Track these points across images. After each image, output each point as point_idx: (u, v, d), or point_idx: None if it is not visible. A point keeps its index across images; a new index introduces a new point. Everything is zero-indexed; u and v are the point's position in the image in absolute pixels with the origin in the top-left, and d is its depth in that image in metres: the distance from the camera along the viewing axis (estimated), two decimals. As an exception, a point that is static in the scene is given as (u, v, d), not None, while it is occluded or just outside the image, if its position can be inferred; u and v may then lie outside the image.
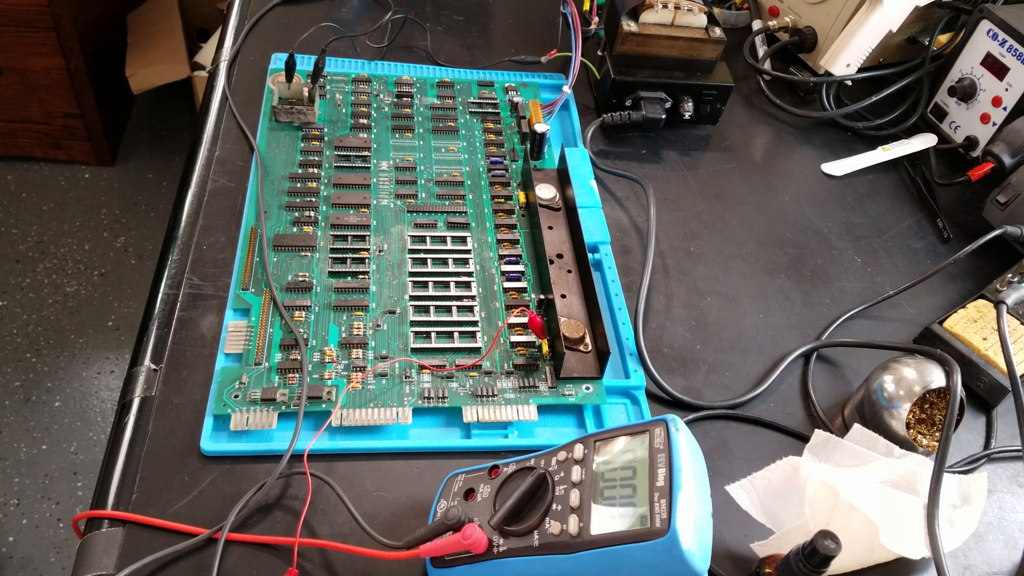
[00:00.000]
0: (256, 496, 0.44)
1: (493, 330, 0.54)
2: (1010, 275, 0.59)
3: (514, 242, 0.60)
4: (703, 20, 0.69)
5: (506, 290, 0.57)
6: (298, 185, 0.61)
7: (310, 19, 0.77)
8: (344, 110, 0.68)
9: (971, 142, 0.73)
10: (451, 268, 0.57)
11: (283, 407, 0.48)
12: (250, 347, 0.50)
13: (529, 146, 0.66)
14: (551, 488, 0.36)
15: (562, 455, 0.38)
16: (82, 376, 1.42)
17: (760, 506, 0.45)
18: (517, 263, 0.58)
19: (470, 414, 0.49)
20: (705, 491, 0.34)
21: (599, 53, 0.73)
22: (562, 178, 0.62)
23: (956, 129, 0.75)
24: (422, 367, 0.51)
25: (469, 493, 0.40)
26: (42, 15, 1.45)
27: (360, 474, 0.46)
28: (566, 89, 0.70)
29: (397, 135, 0.67)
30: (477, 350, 0.53)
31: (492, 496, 0.38)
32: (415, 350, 0.52)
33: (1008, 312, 0.57)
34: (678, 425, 0.35)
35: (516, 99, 0.72)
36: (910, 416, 0.50)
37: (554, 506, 0.36)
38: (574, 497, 0.35)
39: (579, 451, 0.37)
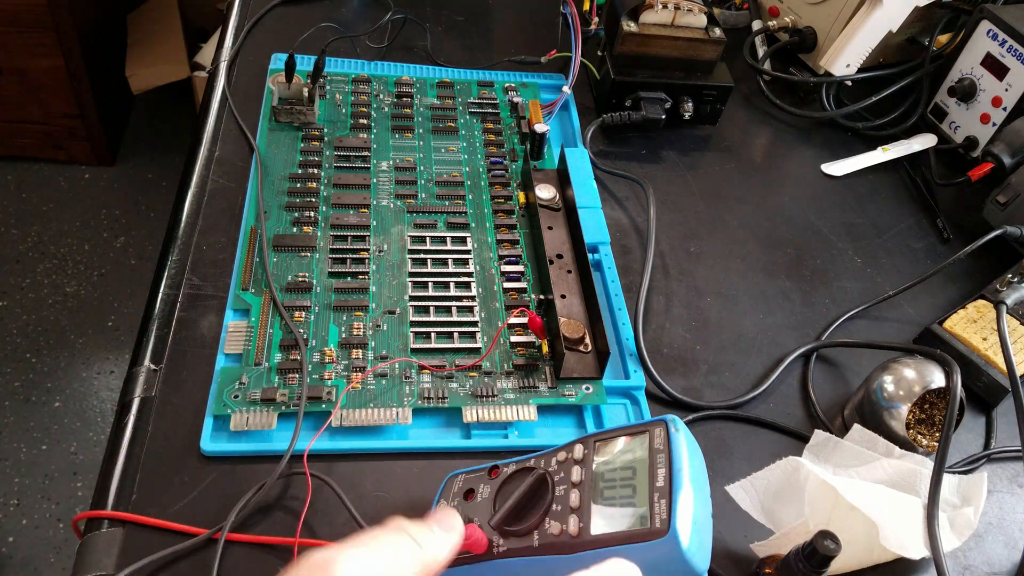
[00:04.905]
0: (256, 496, 0.44)
1: (493, 330, 0.54)
2: (1010, 275, 0.59)
3: (514, 242, 0.60)
4: (703, 20, 0.69)
5: (506, 290, 0.57)
6: (298, 185, 0.61)
7: (310, 19, 0.77)
8: (344, 110, 0.68)
9: (971, 142, 0.73)
10: (451, 268, 0.57)
11: (283, 407, 0.48)
12: (250, 347, 0.50)
13: (529, 146, 0.66)
14: (551, 488, 0.36)
15: (562, 455, 0.38)
16: (82, 376, 1.42)
17: (760, 506, 0.45)
18: (517, 263, 0.58)
19: (470, 414, 0.49)
20: (705, 491, 0.34)
21: (599, 53, 0.73)
22: (562, 178, 0.62)
23: (956, 129, 0.75)
24: (422, 367, 0.51)
25: (469, 493, 0.40)
26: (42, 15, 1.45)
27: (360, 474, 0.46)
28: (566, 89, 0.70)
29: (397, 135, 0.67)
30: (477, 350, 0.53)
31: (492, 496, 0.38)
32: (415, 350, 0.52)
33: (1008, 312, 0.57)
34: (678, 425, 0.35)
35: (516, 99, 0.72)
36: (910, 416, 0.50)
37: (554, 506, 0.36)
38: (574, 497, 0.35)
39: (579, 451, 0.37)
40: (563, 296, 0.55)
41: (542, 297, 0.55)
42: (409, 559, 0.29)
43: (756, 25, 0.83)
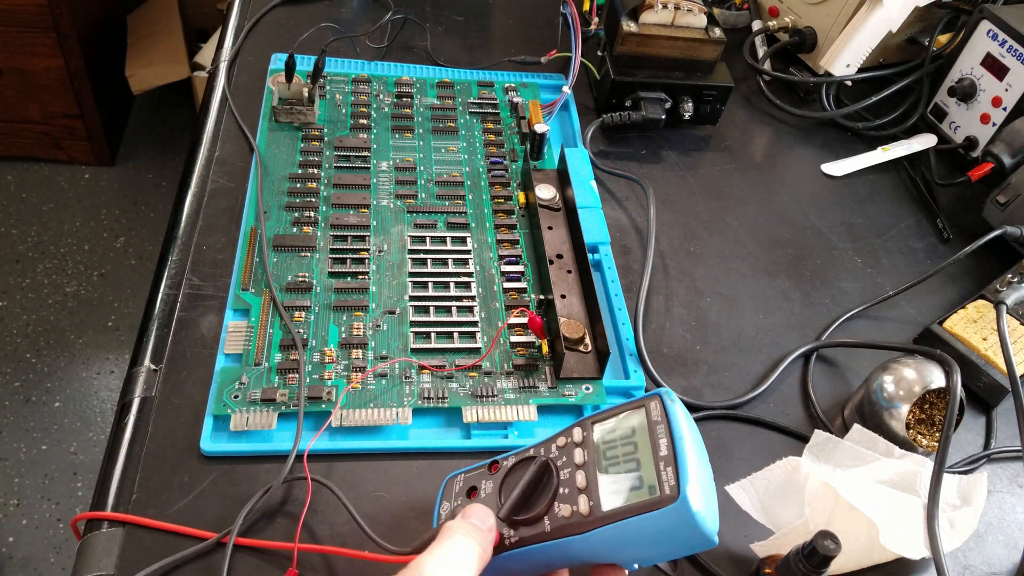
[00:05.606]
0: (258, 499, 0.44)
1: (493, 330, 0.54)
2: (1010, 275, 0.59)
3: (514, 242, 0.60)
4: (703, 20, 0.69)
5: (506, 290, 0.57)
6: (298, 185, 0.61)
7: (310, 19, 0.77)
8: (344, 110, 0.68)
9: (971, 142, 0.73)
10: (451, 268, 0.57)
11: (283, 407, 0.48)
12: (250, 347, 0.50)
13: (529, 146, 0.66)
14: (555, 473, 0.36)
15: (561, 440, 0.38)
16: (82, 376, 1.42)
17: (760, 506, 0.45)
18: (517, 263, 0.58)
19: (470, 414, 0.49)
20: (706, 460, 0.35)
21: (599, 53, 0.73)
22: (562, 178, 0.62)
23: (956, 129, 0.75)
24: (422, 367, 0.51)
25: (471, 491, 0.40)
26: (42, 15, 1.46)
27: (360, 475, 0.46)
28: (566, 89, 0.70)
29: (397, 135, 0.67)
30: (477, 350, 0.53)
31: (496, 490, 0.38)
32: (415, 350, 0.52)
33: (1008, 312, 0.57)
34: (672, 397, 0.36)
35: (516, 99, 0.72)
36: (910, 416, 0.50)
37: (561, 490, 0.36)
38: (580, 478, 0.35)
39: (578, 434, 0.37)
40: (563, 296, 0.55)
41: (542, 297, 0.55)
42: (474, 551, 0.34)
43: (756, 25, 0.83)
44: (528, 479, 0.37)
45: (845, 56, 0.75)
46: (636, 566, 0.35)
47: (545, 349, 0.53)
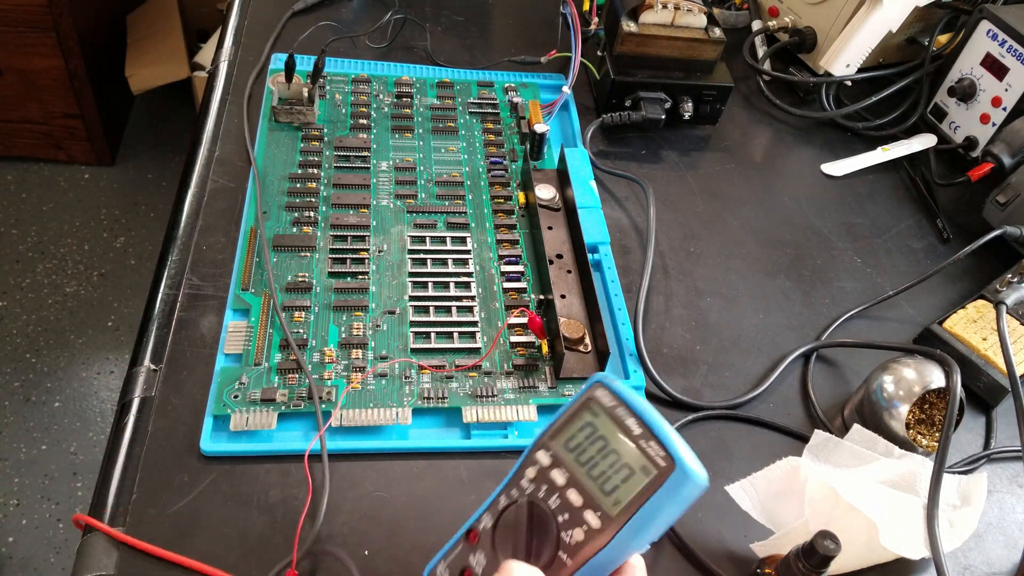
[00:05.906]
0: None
1: (493, 330, 0.54)
2: (1010, 275, 0.59)
3: (514, 242, 0.60)
4: (703, 20, 0.69)
5: (506, 290, 0.57)
6: (298, 185, 0.61)
7: (310, 19, 0.77)
8: (344, 110, 0.68)
9: (971, 142, 0.73)
10: (451, 268, 0.57)
11: (283, 407, 0.48)
12: (250, 347, 0.50)
13: (529, 146, 0.66)
14: (545, 506, 0.35)
15: (530, 473, 0.36)
16: (82, 376, 1.42)
17: (760, 506, 0.45)
18: (517, 263, 0.58)
19: (470, 414, 0.49)
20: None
21: (599, 53, 0.73)
22: (562, 178, 0.62)
23: (956, 129, 0.75)
24: (422, 367, 0.51)
25: (464, 572, 0.36)
26: (42, 15, 1.45)
27: (360, 475, 0.46)
28: (566, 89, 0.70)
29: (397, 135, 0.67)
30: (477, 350, 0.53)
31: (492, 557, 0.36)
32: (415, 350, 0.52)
33: (1008, 312, 0.57)
34: (611, 377, 0.35)
35: (516, 99, 0.72)
36: (910, 416, 0.50)
37: (561, 518, 0.34)
38: (574, 496, 0.34)
39: (544, 458, 0.36)
40: (563, 296, 0.55)
41: (542, 297, 0.55)
42: None
43: (756, 25, 0.83)
44: (526, 527, 0.35)
45: (845, 56, 0.75)
46: (649, 545, 0.35)
47: (545, 349, 0.53)
